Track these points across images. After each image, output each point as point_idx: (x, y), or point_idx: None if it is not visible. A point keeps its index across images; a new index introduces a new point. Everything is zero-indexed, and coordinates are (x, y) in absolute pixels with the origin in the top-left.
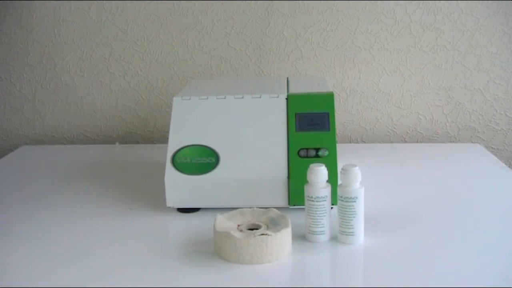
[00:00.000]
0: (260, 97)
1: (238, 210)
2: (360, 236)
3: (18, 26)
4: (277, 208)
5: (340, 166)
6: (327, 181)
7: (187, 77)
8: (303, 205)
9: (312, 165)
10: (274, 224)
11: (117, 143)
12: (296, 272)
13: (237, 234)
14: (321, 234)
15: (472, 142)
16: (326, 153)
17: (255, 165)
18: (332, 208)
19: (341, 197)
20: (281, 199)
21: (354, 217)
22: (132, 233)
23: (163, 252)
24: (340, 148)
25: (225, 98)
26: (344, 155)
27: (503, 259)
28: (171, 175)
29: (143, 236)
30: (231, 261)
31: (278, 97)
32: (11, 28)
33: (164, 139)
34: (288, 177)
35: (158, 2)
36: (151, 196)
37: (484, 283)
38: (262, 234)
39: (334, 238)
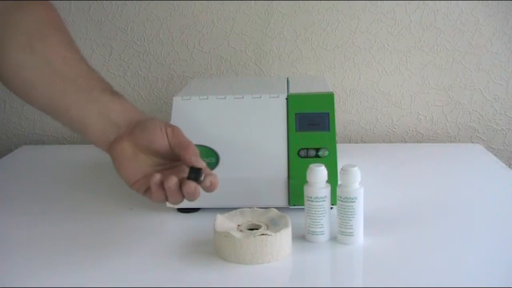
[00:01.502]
0: (260, 97)
1: (238, 210)
2: (360, 236)
3: None
4: (277, 208)
5: (340, 166)
6: (327, 181)
7: (187, 77)
8: (303, 205)
9: (311, 165)
10: (274, 224)
11: None
12: (296, 272)
13: (237, 234)
14: (321, 234)
15: (472, 142)
16: (326, 153)
17: (255, 165)
18: (332, 208)
19: (341, 197)
20: (281, 199)
21: (353, 217)
22: (132, 233)
23: (163, 252)
24: (340, 148)
25: (225, 98)
26: (344, 155)
27: (503, 259)
28: None
29: (143, 236)
30: (231, 261)
31: (278, 97)
32: None
33: None
34: (288, 177)
35: (158, 2)
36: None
37: (484, 283)
38: (262, 234)
39: (334, 238)
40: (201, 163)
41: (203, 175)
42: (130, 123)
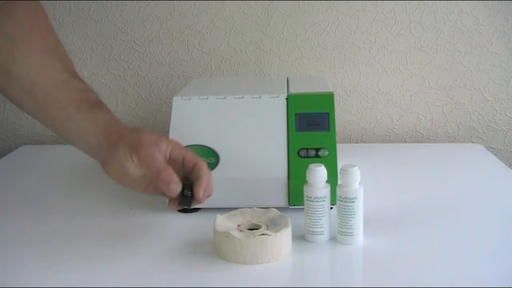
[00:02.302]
0: (260, 97)
1: (238, 210)
2: (359, 236)
3: None
4: (277, 208)
5: (340, 166)
6: (327, 181)
7: (187, 77)
8: (303, 205)
9: (311, 165)
10: (274, 224)
11: None
12: (296, 272)
13: (237, 234)
14: (320, 234)
15: (472, 142)
16: (326, 153)
17: (255, 165)
18: (331, 208)
19: (340, 197)
20: (281, 199)
21: (353, 217)
22: (132, 233)
23: (163, 252)
24: (340, 148)
25: (225, 98)
26: (344, 155)
27: (503, 259)
28: None
29: (143, 236)
30: (231, 261)
31: (278, 97)
32: None
33: None
34: (288, 177)
35: (158, 2)
36: (151, 196)
37: (484, 283)
38: (262, 234)
39: (333, 238)
40: (174, 189)
41: (190, 192)
42: (103, 144)
